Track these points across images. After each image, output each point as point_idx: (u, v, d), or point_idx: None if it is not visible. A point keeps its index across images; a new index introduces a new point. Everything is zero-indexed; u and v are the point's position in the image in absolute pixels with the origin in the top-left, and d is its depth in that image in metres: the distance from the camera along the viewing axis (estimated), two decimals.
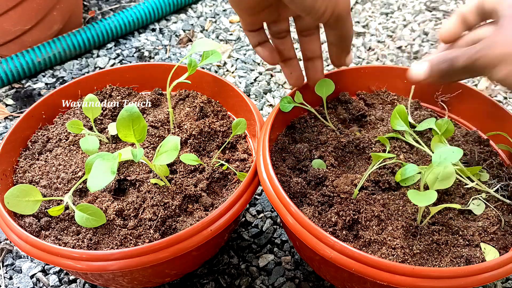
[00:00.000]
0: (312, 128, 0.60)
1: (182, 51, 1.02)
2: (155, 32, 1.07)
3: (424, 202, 0.42)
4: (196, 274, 0.61)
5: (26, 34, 0.92)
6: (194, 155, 0.55)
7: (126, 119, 0.46)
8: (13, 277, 0.61)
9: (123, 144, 0.60)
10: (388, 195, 0.51)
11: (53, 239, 0.50)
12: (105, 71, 0.68)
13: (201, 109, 0.63)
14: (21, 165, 0.58)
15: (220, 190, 0.56)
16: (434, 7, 1.15)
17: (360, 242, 0.47)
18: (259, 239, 0.66)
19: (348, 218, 0.48)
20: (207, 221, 0.47)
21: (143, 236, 0.49)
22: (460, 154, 0.43)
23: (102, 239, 0.49)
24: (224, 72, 0.96)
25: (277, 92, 0.91)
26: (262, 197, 0.72)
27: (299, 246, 0.54)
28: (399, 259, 0.45)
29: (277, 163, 0.55)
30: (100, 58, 0.98)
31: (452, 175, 0.45)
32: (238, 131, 0.58)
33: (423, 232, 0.47)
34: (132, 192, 0.54)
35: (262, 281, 0.61)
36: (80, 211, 0.48)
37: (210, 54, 0.59)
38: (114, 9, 1.13)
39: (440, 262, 0.46)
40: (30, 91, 0.91)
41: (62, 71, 0.95)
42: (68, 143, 0.60)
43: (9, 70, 0.90)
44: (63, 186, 0.54)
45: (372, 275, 0.42)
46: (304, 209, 0.50)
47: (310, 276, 0.61)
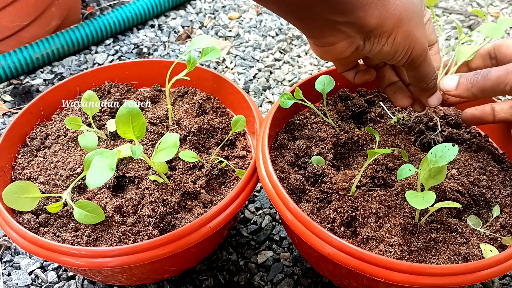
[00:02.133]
0: (311, 124, 0.60)
1: (181, 47, 1.02)
2: (154, 28, 1.07)
3: (424, 205, 0.42)
4: (195, 271, 0.61)
5: (24, 30, 0.92)
6: (193, 152, 0.55)
7: (126, 116, 0.46)
8: (11, 273, 0.61)
9: (122, 141, 0.59)
10: (385, 192, 0.51)
11: (52, 236, 0.50)
12: (104, 67, 0.67)
13: (200, 106, 0.63)
14: (19, 161, 0.58)
15: (219, 187, 0.56)
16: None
17: (358, 239, 0.47)
18: (258, 235, 0.66)
19: (346, 215, 0.48)
20: (206, 218, 0.47)
21: (142, 233, 0.49)
22: (456, 151, 0.43)
23: (101, 236, 0.49)
24: (223, 68, 0.96)
25: (276, 89, 0.91)
26: (261, 194, 0.72)
27: (297, 242, 0.54)
28: (397, 256, 0.45)
29: (276, 160, 0.55)
30: (99, 54, 0.98)
31: (443, 169, 0.45)
32: (238, 128, 0.58)
33: (421, 229, 0.48)
34: (131, 189, 0.54)
35: (261, 277, 0.61)
36: (79, 208, 0.48)
37: (209, 50, 0.59)
38: (112, 5, 1.12)
39: (438, 260, 0.46)
40: (28, 87, 0.90)
41: (60, 67, 0.95)
42: (67, 140, 0.60)
43: (7, 66, 0.89)
44: (62, 182, 0.54)
45: (370, 271, 0.42)
46: (302, 205, 0.50)
47: (309, 272, 0.61)
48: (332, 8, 0.38)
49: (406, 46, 0.44)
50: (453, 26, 1.08)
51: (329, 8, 0.38)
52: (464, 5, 1.15)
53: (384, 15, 0.41)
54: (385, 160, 0.53)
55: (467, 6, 1.14)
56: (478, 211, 0.51)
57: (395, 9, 0.41)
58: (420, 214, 0.48)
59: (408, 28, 0.43)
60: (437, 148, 0.44)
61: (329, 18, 0.39)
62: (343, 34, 0.41)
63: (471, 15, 1.11)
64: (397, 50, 0.44)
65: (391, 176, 0.52)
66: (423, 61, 0.47)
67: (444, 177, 0.45)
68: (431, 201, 0.42)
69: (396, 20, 0.42)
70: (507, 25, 0.53)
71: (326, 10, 0.38)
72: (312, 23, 0.40)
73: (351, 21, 0.39)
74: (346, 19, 0.39)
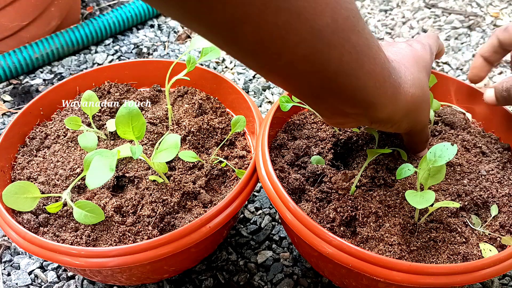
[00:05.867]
0: (311, 124, 0.60)
1: (181, 47, 1.02)
2: (153, 28, 1.07)
3: (423, 204, 0.42)
4: (195, 271, 0.61)
5: (23, 30, 0.92)
6: (193, 152, 0.55)
7: (125, 116, 0.46)
8: (11, 273, 0.61)
9: (121, 141, 0.59)
10: (385, 192, 0.51)
11: (52, 236, 0.50)
12: (104, 68, 0.67)
13: (200, 106, 0.63)
14: (19, 161, 0.58)
15: (218, 187, 0.56)
16: (433, 4, 1.15)
17: (358, 238, 0.47)
18: (257, 235, 0.66)
19: (346, 214, 0.48)
20: (205, 218, 0.47)
21: (141, 233, 0.49)
22: (455, 150, 0.43)
23: (100, 236, 0.49)
24: (223, 68, 0.96)
25: (276, 89, 0.91)
26: (261, 194, 0.72)
27: (297, 242, 0.54)
28: (396, 256, 0.45)
29: (276, 159, 0.55)
30: (98, 54, 0.98)
31: (442, 168, 0.45)
32: (237, 128, 0.58)
33: (420, 229, 0.48)
34: (130, 189, 0.54)
35: (261, 277, 0.61)
36: (79, 208, 0.48)
37: (209, 50, 0.59)
38: (112, 5, 1.12)
39: (437, 259, 0.46)
40: (28, 87, 0.90)
41: (60, 67, 0.95)
42: (67, 140, 0.60)
43: (6, 66, 0.89)
44: (61, 182, 0.54)
45: (369, 271, 0.42)
46: (302, 205, 0.50)
47: (308, 272, 0.61)
48: (344, 102, 0.38)
49: (409, 128, 0.46)
50: (453, 26, 1.08)
51: (342, 101, 0.38)
52: (464, 5, 1.15)
53: (394, 111, 0.41)
54: (385, 160, 0.53)
55: (466, 6, 1.14)
56: (476, 211, 0.51)
57: (405, 104, 0.42)
58: (420, 213, 0.48)
59: (415, 116, 0.45)
60: (436, 147, 0.44)
61: (340, 108, 0.39)
62: (352, 119, 0.41)
63: (470, 15, 1.11)
64: (398, 130, 0.46)
65: (391, 176, 0.52)
66: (419, 133, 0.49)
67: (443, 176, 0.45)
68: (431, 200, 0.42)
69: (404, 112, 0.43)
70: None
71: (339, 103, 0.38)
72: (324, 108, 0.40)
73: (362, 113, 0.40)
74: (357, 111, 0.39)
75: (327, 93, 0.36)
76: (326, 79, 0.34)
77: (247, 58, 0.33)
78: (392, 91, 0.40)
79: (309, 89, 0.36)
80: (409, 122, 0.45)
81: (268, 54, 0.31)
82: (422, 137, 0.51)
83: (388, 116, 0.41)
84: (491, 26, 1.08)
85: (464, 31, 1.06)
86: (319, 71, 0.34)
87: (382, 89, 0.38)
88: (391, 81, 0.39)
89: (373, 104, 0.38)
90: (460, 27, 1.07)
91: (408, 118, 0.44)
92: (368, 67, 0.36)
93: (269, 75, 0.35)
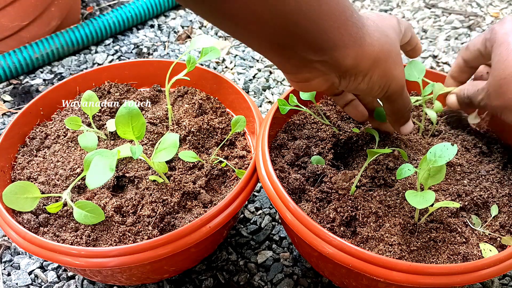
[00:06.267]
0: (311, 124, 0.60)
1: (181, 47, 1.02)
2: (153, 28, 1.07)
3: (423, 204, 0.42)
4: (195, 271, 0.61)
5: (24, 30, 0.92)
6: (193, 152, 0.55)
7: (125, 116, 0.46)
8: (11, 273, 0.61)
9: (121, 141, 0.59)
10: (385, 192, 0.51)
11: (52, 236, 0.50)
12: (104, 68, 0.67)
13: (200, 106, 0.63)
14: (19, 161, 0.58)
15: (219, 187, 0.56)
16: (433, 4, 1.15)
17: (358, 238, 0.47)
18: (257, 235, 0.66)
19: (346, 214, 0.48)
20: (206, 218, 0.47)
21: (141, 233, 0.49)
22: (455, 150, 0.43)
23: (100, 236, 0.49)
24: (223, 68, 0.96)
25: (276, 89, 0.91)
26: (261, 194, 0.72)
27: (297, 242, 0.54)
28: (397, 256, 0.45)
29: (276, 159, 0.55)
30: (98, 54, 0.98)
31: (442, 168, 0.45)
32: (237, 128, 0.58)
33: (420, 229, 0.48)
34: (130, 189, 0.54)
35: (261, 277, 0.61)
36: (79, 208, 0.48)
37: (209, 50, 0.59)
38: (112, 5, 1.12)
39: (437, 259, 0.46)
40: (28, 87, 0.90)
41: (60, 67, 0.95)
42: (67, 140, 0.60)
43: (6, 66, 0.89)
44: (62, 182, 0.54)
45: (369, 271, 0.42)
46: (302, 205, 0.50)
47: (309, 272, 0.61)
48: (308, 47, 0.37)
49: (383, 84, 0.44)
50: (453, 26, 1.08)
51: (305, 46, 0.37)
52: (464, 5, 1.15)
53: (360, 56, 0.40)
54: (385, 160, 0.53)
55: (466, 6, 1.14)
56: (477, 211, 0.51)
57: (372, 50, 0.41)
58: (420, 213, 0.48)
59: (385, 67, 0.43)
60: (436, 147, 0.44)
61: (305, 56, 0.38)
62: (318, 71, 0.41)
63: (470, 15, 1.11)
64: (373, 88, 0.44)
65: (391, 176, 0.52)
66: (399, 96, 0.48)
67: (443, 176, 0.45)
68: (431, 200, 0.42)
69: (372, 60, 0.41)
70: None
71: (302, 48, 0.37)
72: (288, 60, 0.39)
73: (326, 60, 0.39)
74: (321, 58, 0.39)
75: (289, 39, 0.36)
76: (285, 21, 0.34)
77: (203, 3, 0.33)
78: (355, 31, 0.39)
79: (270, 36, 0.36)
80: (383, 76, 0.43)
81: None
82: (404, 102, 0.49)
83: (354, 62, 0.40)
84: (491, 26, 1.08)
85: (464, 31, 1.06)
86: (276, 13, 0.33)
87: (343, 27, 0.37)
88: (353, 20, 0.38)
89: (336, 46, 0.38)
90: (460, 27, 1.08)
91: (379, 70, 0.42)
92: (328, 6, 0.35)
93: (225, 22, 0.35)
